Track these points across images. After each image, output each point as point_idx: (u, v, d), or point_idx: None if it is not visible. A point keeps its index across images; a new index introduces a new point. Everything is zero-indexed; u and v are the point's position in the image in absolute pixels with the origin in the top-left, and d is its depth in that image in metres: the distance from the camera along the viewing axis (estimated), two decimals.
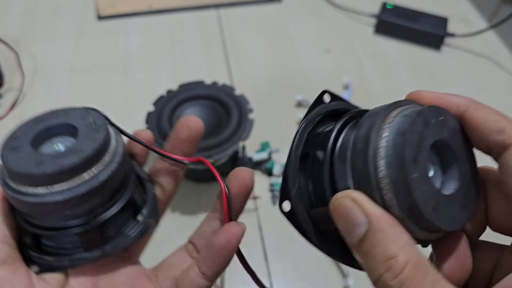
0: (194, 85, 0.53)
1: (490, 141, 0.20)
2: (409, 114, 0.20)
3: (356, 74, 0.66)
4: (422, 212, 0.18)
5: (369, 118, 0.21)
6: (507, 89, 0.66)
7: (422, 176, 0.19)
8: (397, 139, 0.19)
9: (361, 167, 0.19)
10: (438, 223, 0.19)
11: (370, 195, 0.19)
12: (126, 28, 0.71)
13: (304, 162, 0.23)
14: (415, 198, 0.18)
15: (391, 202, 0.19)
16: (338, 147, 0.22)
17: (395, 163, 0.19)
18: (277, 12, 0.76)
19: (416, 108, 0.21)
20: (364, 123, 0.21)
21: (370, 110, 0.22)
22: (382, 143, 0.19)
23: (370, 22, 0.75)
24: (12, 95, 0.60)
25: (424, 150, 0.19)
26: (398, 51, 0.71)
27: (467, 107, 0.21)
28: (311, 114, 0.24)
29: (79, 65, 0.65)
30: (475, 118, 0.21)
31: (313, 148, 0.23)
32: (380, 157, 0.19)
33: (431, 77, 0.67)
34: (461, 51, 0.71)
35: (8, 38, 0.65)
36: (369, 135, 0.20)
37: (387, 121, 0.20)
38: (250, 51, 0.69)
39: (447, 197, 0.20)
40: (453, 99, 0.21)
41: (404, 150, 0.18)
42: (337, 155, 0.21)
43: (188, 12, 0.75)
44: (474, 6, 0.80)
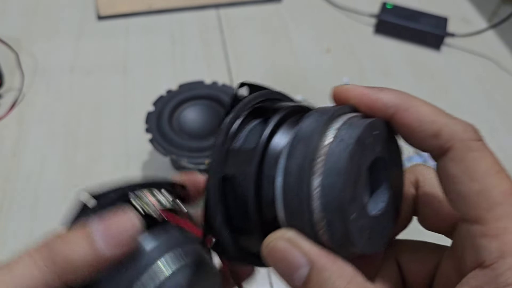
0: (194, 85, 0.53)
1: (427, 146, 0.19)
2: (345, 140, 0.18)
3: (356, 74, 0.66)
4: (359, 248, 0.18)
5: (301, 142, 0.18)
6: (507, 89, 0.66)
7: (359, 212, 0.18)
8: (333, 177, 0.17)
9: (295, 207, 0.18)
10: (372, 249, 0.19)
11: (305, 233, 0.18)
12: (126, 28, 0.71)
13: (226, 185, 0.20)
14: (353, 237, 0.17)
15: (328, 242, 0.18)
16: (264, 175, 0.19)
17: (332, 205, 0.17)
18: (277, 12, 0.76)
19: (353, 123, 0.19)
20: (296, 150, 0.18)
21: (302, 123, 0.19)
22: (317, 182, 0.17)
23: (370, 22, 0.75)
24: (12, 95, 0.60)
25: (361, 180, 0.18)
26: (398, 51, 0.71)
27: (396, 108, 0.19)
28: (227, 121, 0.20)
29: (79, 65, 0.65)
30: (407, 122, 0.19)
31: (235, 171, 0.19)
32: (316, 198, 0.17)
33: (431, 77, 0.67)
34: (461, 51, 0.71)
35: (8, 38, 0.65)
36: (302, 171, 0.17)
37: (322, 151, 0.18)
38: (250, 51, 0.69)
39: (377, 218, 0.19)
40: (381, 99, 0.19)
41: (341, 192, 0.17)
42: (264, 184, 0.19)
43: (188, 12, 0.75)
44: (474, 6, 0.80)
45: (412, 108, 0.19)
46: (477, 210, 0.17)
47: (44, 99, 0.60)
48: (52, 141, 0.56)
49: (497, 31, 0.75)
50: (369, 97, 0.20)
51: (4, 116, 0.58)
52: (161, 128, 0.48)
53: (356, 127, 0.18)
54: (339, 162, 0.17)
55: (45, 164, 0.53)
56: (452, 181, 0.18)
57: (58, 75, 0.64)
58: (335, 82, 0.73)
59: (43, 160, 0.54)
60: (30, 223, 0.48)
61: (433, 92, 0.65)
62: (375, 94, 0.20)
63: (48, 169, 0.53)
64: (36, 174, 0.52)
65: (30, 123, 0.57)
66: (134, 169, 0.53)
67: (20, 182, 0.51)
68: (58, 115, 0.59)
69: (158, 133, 0.48)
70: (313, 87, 0.64)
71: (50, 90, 0.62)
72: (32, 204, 0.49)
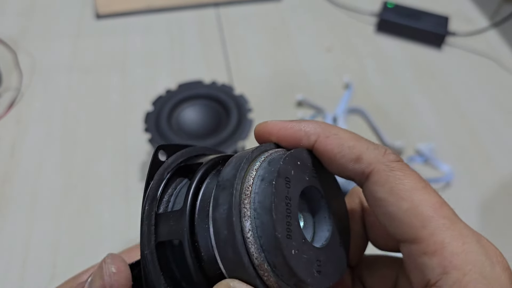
0: (193, 85, 0.52)
1: (349, 171, 0.19)
2: (266, 177, 0.17)
3: (357, 73, 0.66)
4: (309, 283, 0.17)
5: (224, 190, 0.18)
6: (508, 88, 0.66)
7: (300, 246, 0.17)
8: (262, 217, 0.17)
9: (232, 257, 0.17)
10: (326, 283, 0.18)
11: (249, 282, 0.17)
12: (125, 27, 0.71)
13: (162, 250, 0.19)
14: (300, 274, 0.17)
15: (276, 285, 0.17)
16: (198, 229, 0.18)
17: (268, 246, 0.17)
18: (277, 10, 0.76)
19: (272, 159, 0.18)
20: (220, 199, 0.17)
21: (222, 172, 0.18)
22: (248, 225, 0.17)
23: (371, 21, 0.74)
24: (10, 94, 0.60)
25: (294, 214, 0.17)
26: (399, 50, 0.70)
27: (317, 136, 0.19)
28: (152, 186, 0.20)
29: (77, 64, 0.65)
30: (328, 148, 0.19)
31: (168, 235, 0.19)
32: (251, 243, 0.17)
33: (432, 76, 0.67)
34: (463, 50, 0.71)
35: (6, 37, 0.65)
36: (230, 218, 0.17)
37: (246, 193, 0.17)
38: (250, 50, 0.69)
39: (325, 249, 0.19)
40: (302, 129, 0.19)
41: (275, 231, 0.16)
42: (199, 239, 0.18)
43: (187, 10, 0.74)
44: (476, 4, 0.79)
45: (333, 135, 0.19)
46: (411, 229, 0.17)
47: (42, 98, 0.60)
48: (50, 141, 0.55)
49: (499, 30, 0.74)
50: (290, 129, 0.19)
51: (3, 116, 0.57)
52: (160, 127, 0.47)
53: (276, 162, 0.18)
54: (265, 200, 0.17)
55: (43, 164, 0.53)
56: (380, 204, 0.17)
57: (57, 75, 0.63)
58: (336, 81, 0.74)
59: (41, 160, 0.53)
60: (28, 223, 0.47)
61: (434, 91, 0.64)
62: (296, 125, 0.19)
63: (47, 169, 0.52)
64: (34, 174, 0.52)
65: (28, 123, 0.57)
66: (133, 169, 0.53)
67: (18, 182, 0.51)
68: (56, 115, 0.58)
69: (157, 133, 0.47)
70: (314, 87, 0.64)
71: (48, 90, 0.61)
72: (30, 204, 0.49)
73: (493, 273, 0.16)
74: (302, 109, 0.60)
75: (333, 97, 0.62)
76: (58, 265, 0.45)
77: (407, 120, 0.60)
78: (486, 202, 0.52)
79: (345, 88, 0.64)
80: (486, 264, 0.16)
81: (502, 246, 0.18)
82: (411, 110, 0.62)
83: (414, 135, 0.58)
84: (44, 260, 0.45)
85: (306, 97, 0.61)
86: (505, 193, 0.53)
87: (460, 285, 0.15)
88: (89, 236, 0.47)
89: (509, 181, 0.55)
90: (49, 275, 0.44)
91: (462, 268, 0.16)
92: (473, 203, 0.52)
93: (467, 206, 0.52)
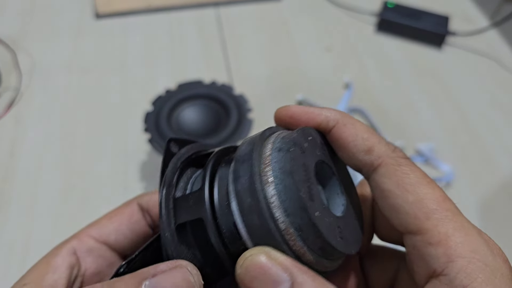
0: (193, 85, 0.52)
1: (359, 161, 0.20)
2: (283, 147, 0.18)
3: (357, 73, 0.66)
4: (334, 247, 0.18)
5: (243, 163, 0.18)
6: (509, 87, 0.65)
7: (322, 210, 0.18)
8: (285, 181, 0.17)
9: (258, 223, 0.17)
10: (348, 250, 0.19)
11: (277, 248, 0.17)
12: (125, 27, 0.71)
13: (182, 234, 0.19)
14: (325, 236, 0.17)
15: (302, 250, 0.17)
16: (218, 206, 0.18)
17: (293, 208, 0.17)
18: (277, 10, 0.75)
19: (285, 135, 0.19)
20: (240, 172, 0.18)
21: (237, 151, 0.19)
22: (271, 190, 0.17)
23: (371, 21, 0.74)
24: (10, 94, 0.60)
25: (312, 181, 0.18)
26: (399, 50, 0.70)
27: (336, 122, 0.20)
28: (168, 174, 0.20)
29: (77, 64, 0.65)
30: (344, 136, 0.20)
31: (188, 216, 0.19)
32: (276, 208, 0.17)
33: (432, 76, 0.67)
34: (463, 49, 0.71)
35: (5, 37, 0.65)
36: (253, 185, 0.17)
37: (266, 162, 0.18)
38: (250, 50, 0.68)
39: (343, 219, 0.19)
40: (323, 113, 0.20)
41: (299, 192, 0.17)
42: (220, 215, 0.18)
43: (186, 10, 0.74)
44: (476, 4, 0.79)
45: (350, 124, 0.20)
46: (415, 220, 0.17)
47: (42, 98, 0.60)
48: (50, 140, 0.55)
49: (499, 29, 0.74)
50: (311, 113, 0.21)
51: (2, 115, 0.57)
52: (159, 127, 0.47)
53: (289, 136, 0.19)
54: (285, 166, 0.18)
55: (43, 164, 0.53)
56: (386, 196, 0.18)
57: (56, 74, 0.63)
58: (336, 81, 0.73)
59: (40, 160, 0.53)
60: (28, 223, 0.47)
61: (434, 91, 0.64)
62: (317, 110, 0.21)
63: (46, 169, 0.52)
64: (34, 174, 0.52)
65: (27, 123, 0.57)
66: (132, 169, 0.53)
67: (18, 182, 0.51)
68: (56, 115, 0.58)
69: (157, 133, 0.47)
70: (314, 87, 0.63)
71: (48, 90, 0.61)
72: (29, 204, 0.49)
73: (495, 263, 0.16)
74: None
75: (333, 97, 0.62)
76: None
77: (407, 120, 0.60)
78: (486, 202, 0.52)
79: (345, 88, 0.64)
80: (488, 254, 0.16)
81: (502, 246, 0.18)
82: (411, 110, 0.62)
83: (414, 135, 0.58)
84: None
85: (306, 97, 0.61)
86: (505, 193, 0.53)
87: (465, 272, 0.16)
88: None
89: (509, 181, 0.54)
90: None
91: (467, 256, 0.16)
92: (473, 203, 0.52)
93: (467, 206, 0.52)
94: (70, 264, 0.23)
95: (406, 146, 0.57)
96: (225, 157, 0.21)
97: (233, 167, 0.18)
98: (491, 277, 0.16)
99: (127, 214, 0.26)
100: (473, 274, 0.16)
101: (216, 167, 0.20)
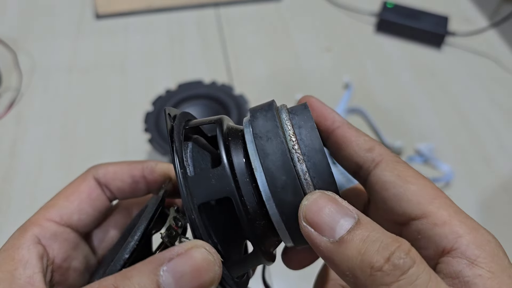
0: (193, 85, 0.52)
1: (360, 158, 0.21)
2: (304, 125, 0.19)
3: (357, 73, 0.66)
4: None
5: (269, 141, 0.19)
6: (508, 87, 0.66)
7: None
8: (315, 158, 0.19)
9: (293, 200, 0.18)
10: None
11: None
12: (125, 27, 0.71)
13: (208, 210, 0.19)
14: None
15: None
16: (242, 183, 0.19)
17: (323, 184, 0.19)
18: (276, 10, 0.76)
19: (305, 117, 0.20)
20: (268, 149, 0.18)
21: (255, 127, 0.19)
22: (304, 168, 0.19)
23: (371, 21, 0.74)
24: (10, 94, 0.60)
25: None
26: (399, 50, 0.70)
27: (341, 123, 0.22)
28: (178, 151, 0.19)
29: (77, 64, 0.65)
30: (347, 135, 0.22)
31: (212, 195, 0.19)
32: (307, 185, 0.19)
33: (431, 76, 0.67)
34: (462, 50, 0.71)
35: (6, 37, 0.65)
36: (288, 163, 0.18)
37: (293, 140, 0.19)
38: (250, 50, 0.69)
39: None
40: (333, 114, 0.22)
41: (329, 169, 0.19)
42: (245, 193, 0.19)
43: (187, 10, 0.74)
44: (475, 4, 0.79)
45: (354, 128, 0.22)
46: (419, 205, 0.19)
47: (42, 98, 0.60)
48: (50, 140, 0.55)
49: (498, 30, 0.74)
50: (325, 110, 0.22)
51: (2, 116, 0.57)
52: (160, 128, 0.48)
53: (304, 114, 0.20)
54: (313, 143, 0.19)
55: (43, 164, 0.53)
56: (388, 187, 0.20)
57: (56, 75, 0.63)
58: (335, 81, 0.73)
59: (41, 160, 0.53)
60: None
61: (433, 91, 0.64)
62: (330, 109, 0.23)
63: (46, 169, 0.52)
64: (34, 174, 0.52)
65: (28, 123, 0.57)
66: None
67: (18, 182, 0.51)
68: (56, 115, 0.58)
69: (157, 133, 0.47)
70: (313, 87, 0.64)
71: (48, 90, 0.61)
72: (30, 204, 0.49)
73: (494, 239, 0.18)
74: None
75: (333, 97, 0.62)
76: None
77: (406, 120, 0.61)
78: (486, 202, 0.52)
79: (345, 88, 0.64)
80: (486, 232, 0.18)
81: (502, 244, 0.18)
82: (411, 110, 0.62)
83: (414, 135, 0.59)
84: None
85: None
86: (504, 193, 0.53)
87: (474, 244, 0.17)
88: None
89: (508, 180, 0.55)
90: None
91: (472, 232, 0.18)
92: (473, 202, 0.52)
93: (466, 205, 0.52)
94: (39, 255, 0.21)
95: (405, 146, 0.57)
96: (229, 130, 0.21)
97: (257, 144, 0.19)
98: (496, 249, 0.17)
99: (85, 191, 0.24)
100: (482, 246, 0.17)
101: (227, 143, 0.20)
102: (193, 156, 0.21)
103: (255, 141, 0.19)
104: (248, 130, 0.19)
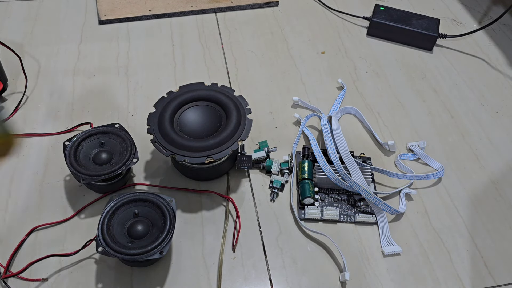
0: (194, 87, 0.54)
1: None
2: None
3: (350, 75, 0.68)
4: None
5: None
6: (498, 87, 0.68)
7: None
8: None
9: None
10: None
11: None
12: (127, 32, 0.73)
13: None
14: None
15: None
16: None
17: None
18: (273, 15, 0.78)
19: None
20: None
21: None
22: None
23: (363, 24, 0.77)
24: (16, 98, 0.62)
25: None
26: (391, 52, 0.73)
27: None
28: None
29: (81, 68, 0.67)
30: None
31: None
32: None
33: (423, 77, 0.69)
34: (453, 51, 0.73)
35: (12, 43, 0.66)
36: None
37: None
38: (248, 53, 0.71)
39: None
40: None
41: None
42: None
43: (187, 16, 0.76)
44: (465, 7, 0.82)
45: None
46: None
47: (47, 102, 0.62)
48: (55, 143, 0.57)
49: (488, 31, 0.77)
50: None
51: (8, 118, 0.59)
52: (162, 129, 0.49)
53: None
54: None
55: (48, 166, 0.55)
56: None
57: (61, 79, 0.65)
58: (330, 83, 0.75)
59: (47, 162, 0.55)
60: (35, 224, 0.49)
61: (425, 91, 0.67)
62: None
63: (52, 171, 0.54)
64: (40, 177, 0.53)
65: (33, 126, 0.59)
66: (134, 169, 0.55)
67: (25, 184, 0.53)
68: (60, 118, 0.60)
69: (160, 134, 0.49)
70: (309, 89, 0.66)
71: (53, 93, 0.63)
72: (35, 205, 0.51)
73: None
74: (298, 109, 0.63)
75: (327, 99, 0.64)
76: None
77: (399, 119, 0.63)
78: (476, 196, 0.54)
79: (340, 89, 0.66)
80: None
81: (491, 237, 0.20)
82: (403, 109, 0.64)
83: (406, 134, 0.61)
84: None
85: (301, 99, 0.63)
86: (493, 189, 0.55)
87: None
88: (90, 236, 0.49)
89: (498, 177, 0.57)
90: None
91: None
92: (464, 198, 0.54)
93: (457, 201, 0.54)
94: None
95: (398, 145, 0.59)
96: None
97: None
98: None
99: None
100: None
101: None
102: None
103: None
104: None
